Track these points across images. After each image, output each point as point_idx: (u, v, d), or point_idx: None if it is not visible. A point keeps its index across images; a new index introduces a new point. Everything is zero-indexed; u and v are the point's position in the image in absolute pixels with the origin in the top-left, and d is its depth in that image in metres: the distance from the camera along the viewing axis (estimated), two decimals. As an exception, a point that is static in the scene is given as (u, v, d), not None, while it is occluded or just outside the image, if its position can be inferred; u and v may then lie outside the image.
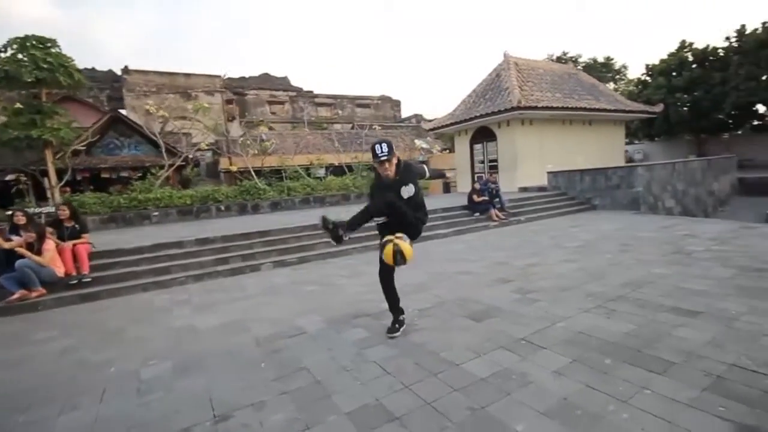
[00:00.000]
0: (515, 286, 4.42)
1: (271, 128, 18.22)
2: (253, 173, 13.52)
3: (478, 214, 9.32)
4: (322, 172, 16.90)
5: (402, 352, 2.98)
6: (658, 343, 2.81)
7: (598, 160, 15.27)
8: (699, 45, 18.69)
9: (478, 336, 3.19)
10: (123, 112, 19.33)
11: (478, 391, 2.37)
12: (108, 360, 3.23)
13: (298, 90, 38.05)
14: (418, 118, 34.82)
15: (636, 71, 45.44)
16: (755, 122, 18.36)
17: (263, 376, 2.73)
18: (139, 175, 11.50)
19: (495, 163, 14.47)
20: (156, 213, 10.51)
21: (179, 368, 2.97)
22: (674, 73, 18.55)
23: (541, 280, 4.57)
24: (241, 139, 15.25)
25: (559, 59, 28.83)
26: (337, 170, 15.67)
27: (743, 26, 17.14)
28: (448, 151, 23.48)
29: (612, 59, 32.37)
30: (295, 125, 31.46)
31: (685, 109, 17.54)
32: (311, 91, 38.55)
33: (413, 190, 3.13)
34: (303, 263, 6.55)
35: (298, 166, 14.71)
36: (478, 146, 15.19)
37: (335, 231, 3.14)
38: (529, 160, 13.71)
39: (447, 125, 15.45)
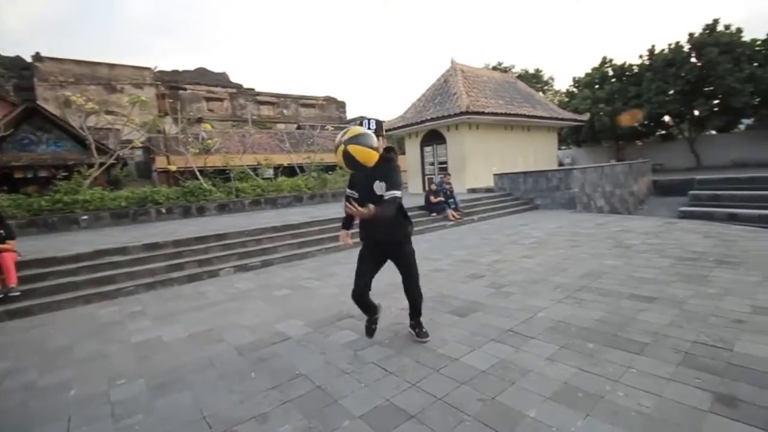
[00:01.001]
0: (487, 281, 4.61)
1: (212, 126, 17.15)
2: (197, 173, 12.64)
3: (434, 214, 9.58)
4: (270, 172, 16.26)
5: (398, 351, 2.96)
6: (628, 326, 3.09)
7: (535, 163, 16.56)
8: (618, 61, 21.12)
9: (467, 330, 3.27)
10: (35, 103, 16.98)
11: (483, 382, 2.43)
12: (63, 383, 2.81)
13: (238, 87, 36.30)
14: (363, 120, 34.83)
15: (561, 83, 49.83)
16: (663, 131, 21.11)
17: (257, 387, 2.56)
18: (64, 174, 10.18)
19: (445, 165, 14.98)
20: (85, 216, 9.36)
21: (155, 386, 2.68)
22: (597, 86, 20.70)
23: (510, 275, 4.82)
24: (180, 136, 14.15)
25: (494, 68, 30.64)
26: (288, 171, 15.19)
27: (653, 46, 19.66)
28: (401, 153, 23.88)
29: (541, 71, 35.10)
30: (235, 124, 29.94)
31: (606, 118, 19.66)
32: (253, 89, 36.98)
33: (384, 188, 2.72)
34: (267, 267, 6.25)
35: (246, 166, 14.02)
36: (428, 149, 15.63)
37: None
38: (476, 162, 14.40)
39: (398, 127, 15.70)
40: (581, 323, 3.22)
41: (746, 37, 16.40)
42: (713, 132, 19.55)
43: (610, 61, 21.11)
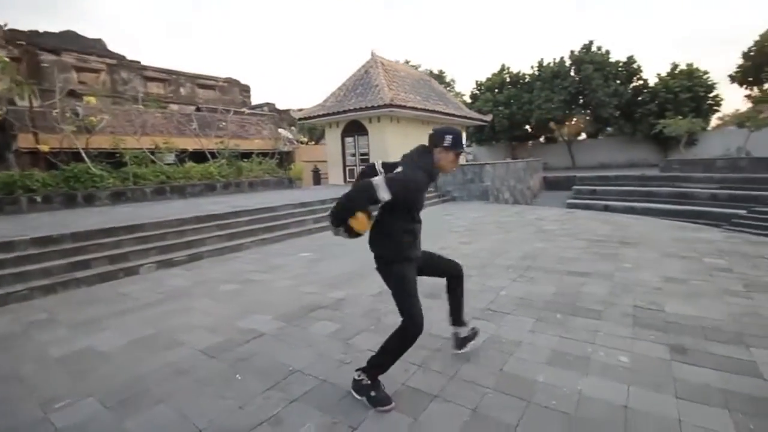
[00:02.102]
0: (443, 266, 4.79)
1: (96, 101, 14.40)
2: (84, 156, 10.57)
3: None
4: (171, 157, 14.40)
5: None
6: (579, 298, 3.52)
7: (447, 158, 17.65)
8: (514, 69, 23.68)
9: (445, 311, 3.36)
10: None
11: (485, 357, 2.54)
12: (-32, 417, 2.13)
13: (120, 58, 31.17)
14: (271, 106, 33.20)
15: (462, 85, 54.00)
16: (549, 135, 24.50)
17: (251, 389, 2.28)
18: None
19: (366, 157, 15.07)
20: None
21: (115, 404, 2.19)
22: (497, 90, 22.97)
23: (459, 259, 5.07)
24: (55, 111, 11.63)
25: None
26: (196, 157, 13.60)
27: (542, 59, 22.59)
28: (314, 143, 23.20)
29: (444, 72, 37.54)
30: (117, 100, 25.78)
31: (505, 120, 21.98)
32: (138, 62, 32.14)
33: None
34: (196, 261, 5.55)
35: (146, 149, 12.17)
36: (349, 139, 15.53)
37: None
38: (397, 155, 14.68)
39: (319, 116, 15.26)
40: (541, 298, 3.56)
41: (613, 58, 20.00)
42: (584, 136, 23.37)
43: (508, 68, 23.67)
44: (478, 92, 24.61)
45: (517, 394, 2.13)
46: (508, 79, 23.11)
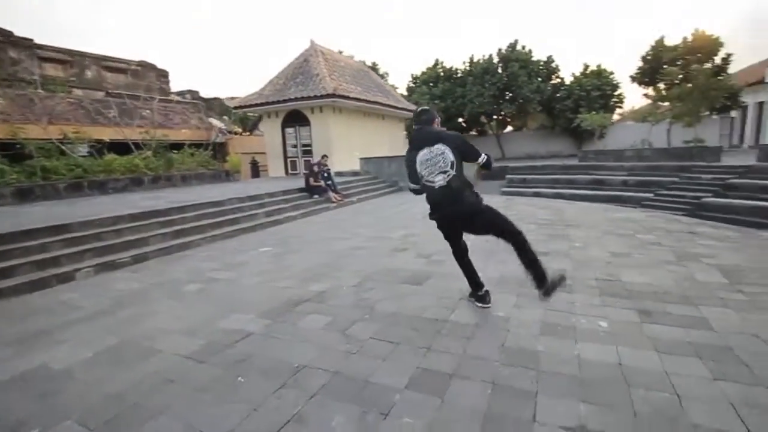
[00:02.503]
0: (414, 253, 4.88)
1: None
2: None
3: (317, 196, 9.38)
4: (84, 149, 12.66)
5: (387, 323, 2.90)
6: (589, 271, 3.81)
7: (389, 150, 17.87)
8: (447, 64, 24.58)
9: (432, 296, 3.45)
10: None
11: (486, 334, 2.66)
12: None
13: (6, 34, 26.46)
14: (194, 94, 30.74)
15: (394, 78, 54.62)
16: (480, 128, 25.95)
17: (259, 390, 2.13)
18: None
19: (309, 148, 14.67)
20: None
21: (101, 424, 1.92)
22: (432, 84, 23.71)
23: (429, 245, 5.20)
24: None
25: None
26: (116, 148, 12.06)
27: (473, 55, 23.79)
28: (248, 133, 21.92)
29: (377, 65, 37.74)
30: (6, 83, 21.99)
31: (440, 113, 22.74)
32: (30, 40, 27.56)
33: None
34: (142, 262, 5.00)
35: (55, 139, 10.53)
36: (290, 130, 14.97)
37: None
38: (341, 146, 14.60)
39: (257, 105, 14.47)
40: (515, 277, 3.77)
41: (535, 57, 21.72)
42: (511, 129, 25.18)
43: (442, 63, 24.54)
44: (413, 85, 25.21)
45: (526, 364, 2.26)
46: (442, 74, 23.98)
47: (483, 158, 2.98)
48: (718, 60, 17.78)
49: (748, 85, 17.77)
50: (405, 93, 25.33)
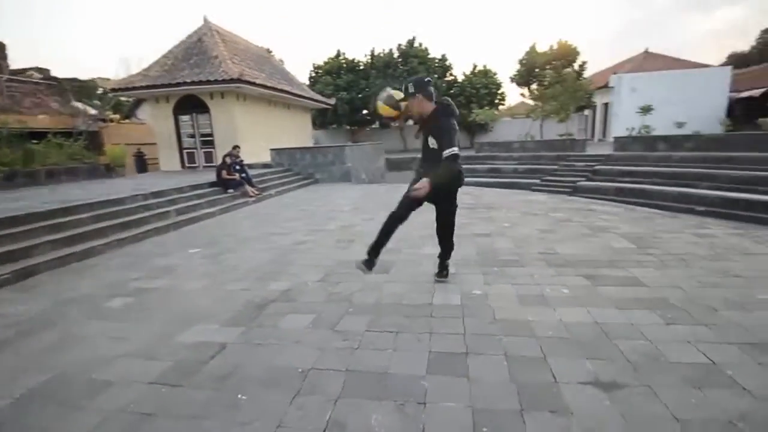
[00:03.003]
0: (363, 244, 4.76)
1: None
2: None
3: (231, 190, 8.56)
4: None
5: (375, 314, 2.82)
6: (498, 253, 4.15)
7: (296, 141, 17.21)
8: (349, 56, 24.50)
9: (405, 283, 3.46)
10: None
11: (475, 311, 2.77)
12: None
13: None
14: (45, 73, 25.38)
15: (290, 67, 52.35)
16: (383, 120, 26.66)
17: (273, 404, 1.88)
18: None
19: (210, 138, 13.27)
20: None
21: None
22: (335, 75, 23.42)
23: (374, 236, 5.18)
24: None
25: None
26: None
27: (373, 48, 24.15)
28: (127, 120, 18.75)
29: (271, 51, 35.89)
30: None
31: (346, 105, 22.71)
32: None
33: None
34: (31, 277, 3.95)
35: None
36: (185, 117, 13.30)
37: None
38: (248, 136, 13.52)
39: (141, 87, 12.46)
40: (471, 257, 4.03)
41: (431, 54, 23.03)
42: (412, 123, 26.24)
43: (343, 54, 24.37)
44: (315, 75, 24.58)
45: (523, 333, 2.43)
46: (344, 65, 23.87)
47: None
48: (576, 66, 21.27)
49: (597, 88, 21.63)
50: (307, 83, 24.59)
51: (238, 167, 9.08)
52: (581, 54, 21.32)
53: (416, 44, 22.46)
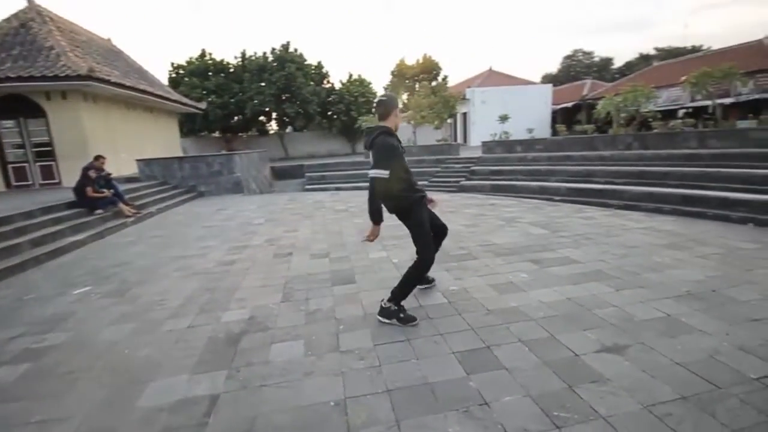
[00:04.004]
0: (306, 255, 4.47)
1: None
2: None
3: (101, 210, 6.95)
4: None
5: (370, 326, 2.65)
6: (445, 250, 4.33)
7: (162, 150, 15.01)
8: (217, 56, 22.34)
9: (379, 290, 3.31)
10: None
11: (464, 306, 2.85)
12: None
13: None
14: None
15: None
16: (261, 127, 24.97)
17: (327, 447, 1.60)
18: None
19: (48, 149, 10.49)
20: None
21: None
22: (202, 77, 21.04)
23: (310, 246, 4.87)
24: None
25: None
26: None
27: (244, 50, 22.48)
28: None
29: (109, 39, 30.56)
30: None
31: (218, 110, 20.61)
32: None
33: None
34: None
35: None
36: (9, 123, 10.22)
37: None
38: (102, 146, 11.11)
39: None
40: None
41: (308, 60, 22.71)
42: (291, 129, 25.59)
43: (210, 54, 22.12)
44: (176, 76, 21.67)
45: (521, 318, 2.61)
46: (212, 66, 21.69)
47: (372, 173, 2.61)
48: (440, 78, 23.80)
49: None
50: (168, 84, 21.64)
51: (102, 182, 7.41)
52: (443, 69, 24.01)
53: (291, 49, 21.90)
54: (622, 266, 3.49)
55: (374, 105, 2.93)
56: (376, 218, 2.62)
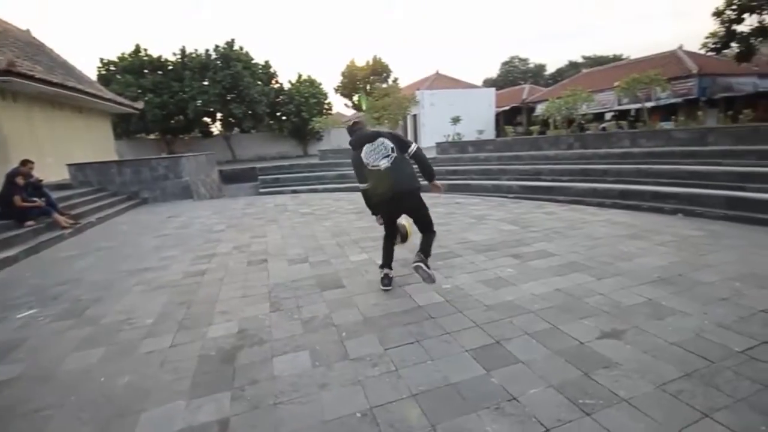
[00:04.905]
0: (285, 262, 4.27)
1: None
2: None
3: (32, 222, 6.13)
4: None
5: (372, 330, 2.58)
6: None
7: (94, 154, 13.65)
8: (153, 52, 20.67)
9: (371, 293, 3.26)
10: None
11: (463, 304, 2.87)
12: None
13: None
14: None
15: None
16: (205, 129, 23.46)
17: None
18: None
19: (-47, 154, 9.05)
20: None
21: None
22: (137, 74, 19.34)
23: (286, 251, 4.66)
24: None
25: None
26: None
27: (184, 47, 20.99)
28: None
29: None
30: None
31: (157, 110, 19.04)
32: None
33: None
34: None
35: None
36: None
37: None
38: (25, 149, 9.85)
39: None
40: (409, 256, 4.12)
41: (254, 59, 21.76)
42: (238, 131, 24.38)
43: (146, 50, 20.38)
44: (106, 72, 19.69)
45: (519, 312, 2.68)
46: (149, 63, 20.01)
47: (414, 147, 3.19)
48: (390, 81, 24.06)
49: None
50: (97, 81, 19.71)
51: (29, 190, 6.55)
52: (392, 71, 24.31)
53: (236, 47, 20.88)
54: (594, 257, 3.73)
55: (355, 123, 3.41)
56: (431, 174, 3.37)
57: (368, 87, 22.12)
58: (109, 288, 3.80)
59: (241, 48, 21.34)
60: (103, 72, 20.08)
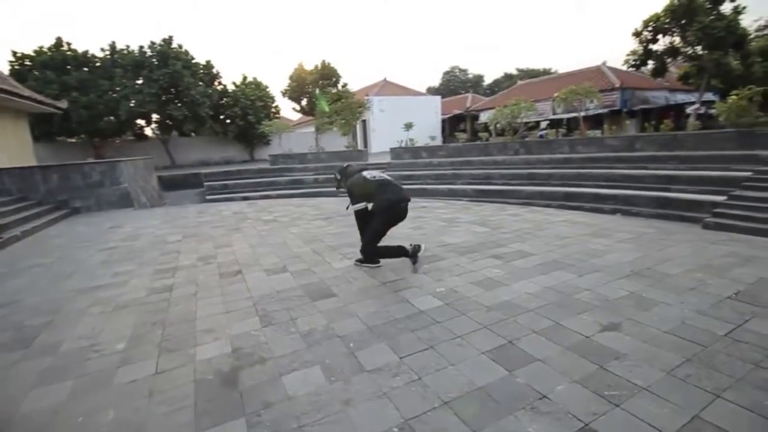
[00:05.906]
0: (262, 272, 4.02)
1: None
2: None
3: (-62, 239, 5.18)
4: None
5: (380, 339, 2.50)
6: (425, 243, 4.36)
7: (9, 159, 11.98)
8: (77, 46, 18.52)
9: (368, 300, 3.17)
10: None
11: (464, 307, 2.89)
12: None
13: None
14: None
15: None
16: (139, 131, 21.45)
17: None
18: None
19: None
20: None
21: None
22: (59, 71, 17.17)
23: (261, 260, 4.40)
24: None
25: None
26: None
27: (114, 42, 19.08)
28: None
29: None
30: None
31: (83, 110, 17.02)
32: None
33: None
34: None
35: None
36: None
37: None
38: None
39: None
40: (395, 262, 4.07)
41: (195, 59, 20.40)
42: (177, 134, 22.69)
43: (69, 44, 18.22)
44: (20, 67, 17.28)
45: (522, 311, 2.75)
46: (73, 58, 17.91)
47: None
48: (339, 86, 23.92)
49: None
50: (10, 76, 17.32)
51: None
52: (342, 76, 24.21)
53: (175, 45, 19.48)
54: (569, 255, 3.97)
55: (348, 165, 4.22)
56: None
57: (317, 91, 21.78)
58: (57, 311, 3.31)
59: (180, 46, 19.98)
60: (17, 67, 17.68)
